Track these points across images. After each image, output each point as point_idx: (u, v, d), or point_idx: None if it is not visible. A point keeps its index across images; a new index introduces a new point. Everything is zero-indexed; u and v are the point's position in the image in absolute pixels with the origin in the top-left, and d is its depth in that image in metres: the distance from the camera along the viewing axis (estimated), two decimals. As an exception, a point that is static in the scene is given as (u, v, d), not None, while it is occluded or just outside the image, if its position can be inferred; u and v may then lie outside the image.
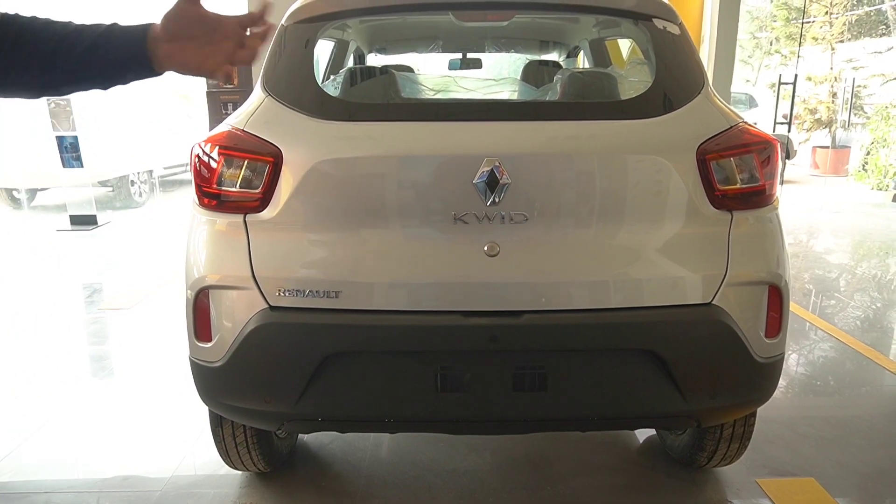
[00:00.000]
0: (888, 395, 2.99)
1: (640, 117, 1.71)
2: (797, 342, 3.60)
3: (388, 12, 2.03)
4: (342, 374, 1.65)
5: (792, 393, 3.02)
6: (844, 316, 4.05)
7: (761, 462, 2.38)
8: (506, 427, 1.82)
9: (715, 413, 1.78)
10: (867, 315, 4.10)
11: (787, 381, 3.13)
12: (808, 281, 4.85)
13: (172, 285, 4.64)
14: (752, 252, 1.72)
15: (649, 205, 1.66)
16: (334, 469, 2.35)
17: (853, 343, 3.53)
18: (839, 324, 3.86)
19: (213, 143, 1.70)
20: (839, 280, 4.93)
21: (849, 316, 4.06)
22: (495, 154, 1.59)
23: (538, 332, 1.61)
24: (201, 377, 1.76)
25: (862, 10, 15.09)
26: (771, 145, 1.74)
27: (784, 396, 2.97)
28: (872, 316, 4.09)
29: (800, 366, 3.33)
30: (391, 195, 1.65)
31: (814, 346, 3.57)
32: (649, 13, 1.88)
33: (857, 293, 4.57)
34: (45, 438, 2.58)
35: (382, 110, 1.88)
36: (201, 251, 1.74)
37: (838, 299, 4.39)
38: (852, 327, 3.82)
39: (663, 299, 1.64)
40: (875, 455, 2.43)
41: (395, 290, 1.63)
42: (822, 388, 3.07)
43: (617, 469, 2.34)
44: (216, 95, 6.14)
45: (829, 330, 3.74)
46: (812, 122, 12.30)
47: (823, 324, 3.85)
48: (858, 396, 2.97)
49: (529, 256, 1.63)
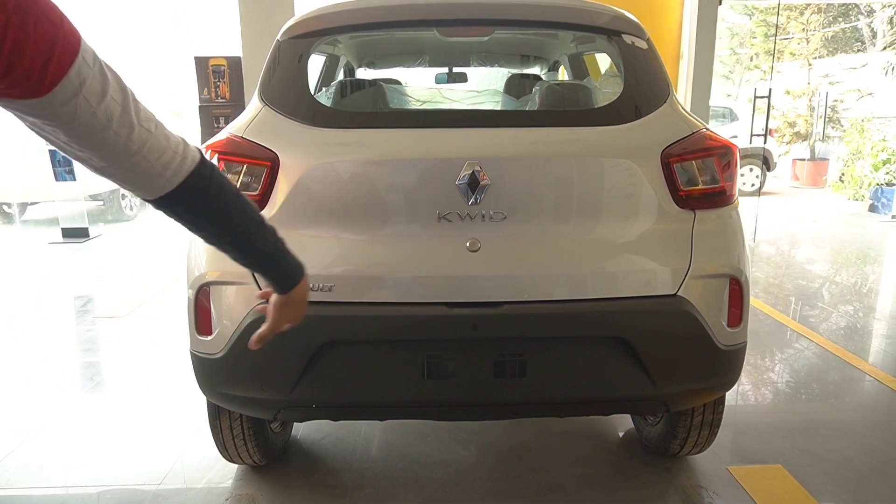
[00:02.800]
0: (855, 389, 3.14)
1: (609, 124, 1.87)
2: (770, 341, 3.75)
3: (375, 28, 2.17)
4: (335, 362, 1.76)
5: (764, 388, 3.16)
6: (816, 317, 4.21)
7: (733, 451, 2.51)
8: (489, 412, 1.94)
9: (682, 397, 1.91)
10: (839, 317, 4.27)
11: (760, 376, 3.27)
12: (785, 286, 5.03)
13: (165, 295, 4.73)
14: (714, 247, 1.86)
15: (618, 204, 1.81)
16: (327, 462, 2.45)
17: (824, 343, 3.69)
18: (811, 324, 4.02)
19: (213, 149, 1.82)
20: (814, 284, 5.10)
21: (822, 318, 4.22)
22: (476, 158, 1.73)
23: (516, 322, 1.74)
24: (202, 369, 1.87)
25: (838, 27, 15.53)
26: (730, 150, 1.90)
27: (756, 391, 3.11)
28: (844, 318, 4.26)
29: (772, 363, 3.48)
30: (380, 196, 1.78)
31: (786, 345, 3.73)
32: (619, 29, 2.05)
33: (827, 296, 4.75)
34: (45, 441, 2.66)
35: (372, 118, 2.01)
36: (202, 250, 1.85)
37: (809, 300, 4.56)
38: (823, 328, 3.98)
39: (632, 291, 1.78)
40: (840, 444, 2.57)
41: (385, 284, 1.76)
42: (793, 383, 3.21)
43: (596, 459, 2.46)
44: (208, 109, 6.27)
45: (801, 331, 3.90)
46: (791, 135, 12.61)
47: (798, 326, 4.01)
48: (827, 391, 3.12)
49: (508, 251, 1.77)
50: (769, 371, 3.38)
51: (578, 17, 2.10)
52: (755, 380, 3.25)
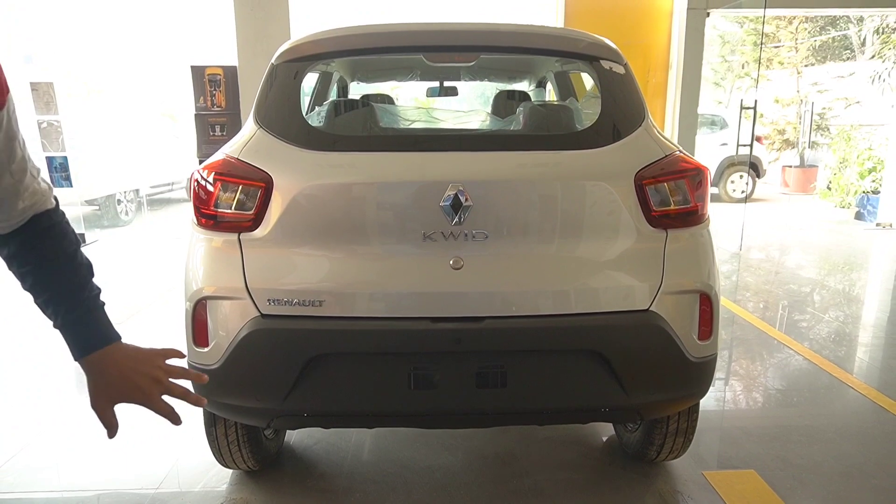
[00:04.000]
0: (829, 396, 3.25)
1: (586, 148, 1.97)
2: (746, 348, 3.87)
3: (365, 54, 2.28)
4: (325, 373, 1.86)
5: (740, 394, 3.27)
6: (795, 324, 4.33)
7: (708, 456, 2.62)
8: (472, 420, 2.05)
9: (655, 407, 2.02)
10: (817, 324, 4.39)
11: (736, 383, 3.38)
12: (764, 291, 5.15)
13: (162, 301, 4.81)
14: (685, 265, 1.97)
15: (594, 224, 1.91)
16: (318, 468, 2.54)
17: (801, 350, 3.80)
18: (788, 331, 4.14)
19: (210, 170, 1.92)
20: (799, 290, 5.23)
21: (799, 325, 4.34)
22: (459, 181, 1.83)
23: (497, 335, 1.84)
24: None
25: (827, 36, 15.73)
26: (701, 172, 2.00)
27: (733, 397, 3.22)
28: (822, 325, 4.38)
29: (749, 369, 3.59)
30: (368, 216, 1.88)
31: (763, 352, 3.84)
32: (597, 55, 2.15)
33: (807, 304, 4.87)
34: (44, 446, 2.74)
35: (361, 142, 2.12)
36: (199, 266, 1.95)
37: (791, 307, 4.68)
38: (799, 335, 4.10)
39: (606, 306, 1.89)
40: (811, 450, 2.68)
41: (372, 299, 1.86)
42: (769, 390, 3.32)
43: (578, 465, 2.56)
44: (204, 117, 6.36)
45: (779, 337, 4.02)
46: (781, 142, 12.79)
47: (775, 332, 4.12)
48: (802, 398, 3.23)
49: (489, 269, 1.87)
50: (745, 378, 3.49)
51: (558, 44, 2.21)
52: (732, 386, 3.36)
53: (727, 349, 3.90)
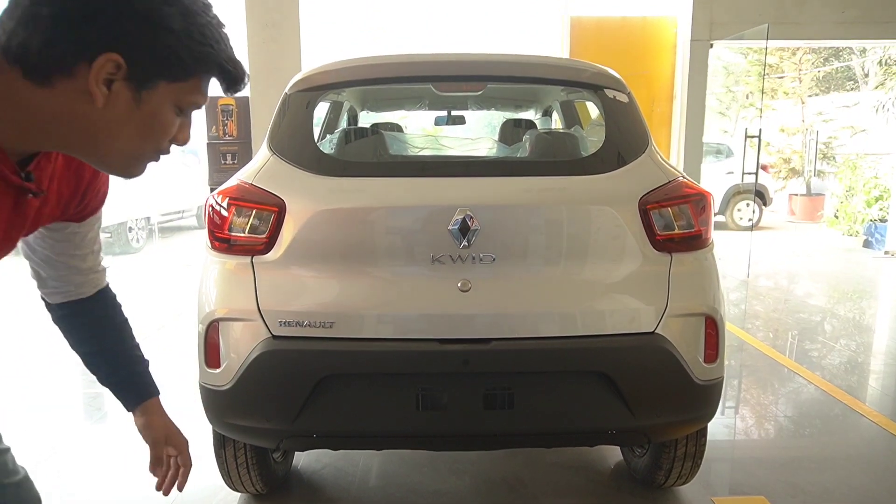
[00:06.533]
0: (841, 424, 3.23)
1: (591, 173, 2.02)
2: (758, 375, 3.85)
3: (374, 84, 2.35)
4: (335, 394, 1.89)
5: (751, 421, 3.25)
6: (805, 352, 4.31)
7: (718, 482, 2.60)
8: (479, 442, 2.05)
9: (662, 429, 2.02)
10: (828, 352, 4.37)
11: (747, 410, 3.36)
12: (775, 319, 5.13)
13: (172, 327, 4.85)
14: (690, 288, 1.99)
15: (599, 247, 1.95)
16: (326, 492, 2.54)
17: (812, 378, 3.78)
18: (800, 359, 4.12)
19: (224, 195, 1.98)
20: (808, 319, 5.21)
21: (810, 352, 4.32)
22: (467, 205, 1.88)
23: (504, 357, 1.87)
24: (210, 400, 1.99)
25: (831, 67, 15.91)
26: (704, 197, 2.04)
27: (744, 424, 3.20)
28: (833, 353, 4.36)
29: (760, 396, 3.57)
30: (378, 239, 1.93)
31: (773, 379, 3.82)
32: (601, 84, 2.22)
33: (818, 332, 4.85)
34: (53, 468, 2.76)
35: (371, 167, 2.17)
36: (213, 288, 1.99)
37: (802, 336, 4.66)
38: (811, 363, 4.08)
39: (612, 328, 1.91)
40: (822, 476, 2.65)
41: (382, 321, 1.89)
42: (780, 417, 3.30)
43: (586, 490, 2.55)
44: (216, 146, 6.49)
45: (789, 365, 4.00)
46: (787, 170, 12.84)
47: (786, 360, 4.10)
48: (814, 426, 3.21)
49: (497, 291, 1.90)
50: (756, 405, 3.47)
51: (564, 74, 2.27)
52: (742, 414, 3.34)
53: (737, 377, 3.88)
